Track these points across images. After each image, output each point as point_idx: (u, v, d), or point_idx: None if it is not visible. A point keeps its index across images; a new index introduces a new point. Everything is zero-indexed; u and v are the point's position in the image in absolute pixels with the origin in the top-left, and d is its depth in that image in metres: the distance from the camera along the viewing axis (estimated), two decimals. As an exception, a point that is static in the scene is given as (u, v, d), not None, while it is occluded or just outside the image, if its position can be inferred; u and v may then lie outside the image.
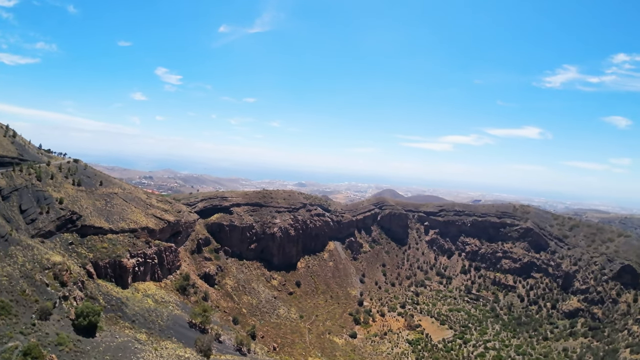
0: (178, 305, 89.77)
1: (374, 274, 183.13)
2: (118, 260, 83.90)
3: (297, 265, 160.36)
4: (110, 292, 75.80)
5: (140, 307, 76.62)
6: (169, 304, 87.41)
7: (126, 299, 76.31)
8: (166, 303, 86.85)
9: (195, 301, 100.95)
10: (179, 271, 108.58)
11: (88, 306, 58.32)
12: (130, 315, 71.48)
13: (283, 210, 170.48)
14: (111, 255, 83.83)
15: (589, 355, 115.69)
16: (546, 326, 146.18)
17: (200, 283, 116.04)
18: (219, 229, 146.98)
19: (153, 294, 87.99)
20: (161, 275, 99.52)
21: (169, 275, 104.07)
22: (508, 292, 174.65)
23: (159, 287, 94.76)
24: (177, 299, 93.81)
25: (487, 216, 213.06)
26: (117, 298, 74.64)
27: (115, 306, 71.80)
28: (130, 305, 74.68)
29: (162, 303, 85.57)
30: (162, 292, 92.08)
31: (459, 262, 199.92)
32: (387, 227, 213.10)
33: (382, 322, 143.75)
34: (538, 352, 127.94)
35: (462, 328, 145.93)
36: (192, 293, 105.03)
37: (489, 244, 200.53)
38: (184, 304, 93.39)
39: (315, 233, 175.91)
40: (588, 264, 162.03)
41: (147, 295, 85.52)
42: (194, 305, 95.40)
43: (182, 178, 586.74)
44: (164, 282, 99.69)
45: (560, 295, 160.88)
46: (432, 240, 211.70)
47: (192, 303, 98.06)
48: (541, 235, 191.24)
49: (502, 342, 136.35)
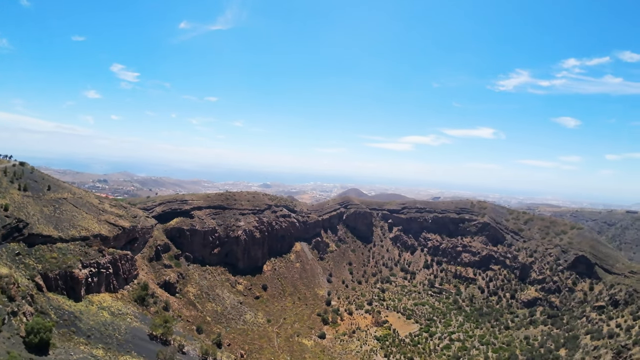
0: (137, 317, 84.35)
1: (341, 272, 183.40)
2: (69, 271, 77.28)
3: (263, 268, 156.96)
4: (62, 305, 69.71)
5: (96, 321, 71.13)
6: (127, 316, 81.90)
7: (80, 313, 70.54)
8: (123, 315, 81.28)
9: (155, 312, 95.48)
10: (136, 281, 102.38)
11: (39, 322, 53.54)
12: (85, 330, 66.15)
13: (247, 212, 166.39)
14: (61, 266, 77.07)
15: (550, 343, 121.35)
16: (507, 316, 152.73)
17: (160, 292, 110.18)
18: (179, 234, 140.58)
19: (109, 306, 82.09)
20: (117, 285, 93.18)
21: (126, 285, 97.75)
22: (469, 284, 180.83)
23: (115, 298, 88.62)
24: (135, 311, 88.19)
25: (447, 212, 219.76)
26: (69, 312, 68.81)
27: (69, 321, 66.19)
28: (84, 320, 69.13)
29: (119, 315, 79.98)
30: (118, 304, 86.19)
31: (422, 258, 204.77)
32: (353, 226, 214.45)
33: (350, 320, 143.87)
34: (501, 342, 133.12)
35: (427, 321, 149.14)
36: (152, 303, 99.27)
37: (449, 239, 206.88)
38: (143, 316, 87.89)
39: (281, 234, 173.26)
40: (543, 255, 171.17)
41: (103, 307, 79.60)
42: (154, 316, 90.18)
43: (140, 181, 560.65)
44: (121, 292, 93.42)
45: (518, 285, 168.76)
46: (396, 237, 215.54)
47: (152, 314, 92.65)
48: (498, 229, 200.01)
49: (466, 333, 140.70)
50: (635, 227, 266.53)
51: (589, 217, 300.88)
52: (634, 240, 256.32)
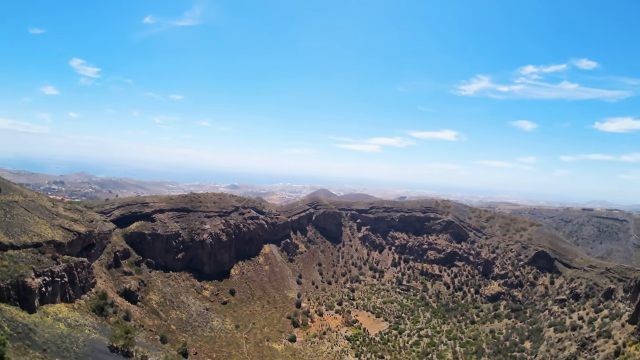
0: (96, 328, 79.10)
1: (311, 273, 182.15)
2: (21, 280, 71.10)
3: (230, 272, 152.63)
4: (15, 317, 64.01)
5: (52, 334, 65.95)
6: (85, 327, 76.59)
7: (34, 325, 65.09)
8: (81, 327, 75.96)
9: (115, 322, 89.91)
10: (94, 289, 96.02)
11: (-9, 335, 48.40)
12: (41, 344, 61.05)
13: (213, 214, 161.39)
14: (13, 275, 70.83)
15: (515, 336, 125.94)
16: (472, 310, 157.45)
17: (121, 301, 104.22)
18: (139, 238, 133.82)
19: (65, 317, 76.47)
20: (73, 295, 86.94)
21: (83, 294, 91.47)
22: (435, 280, 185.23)
23: (71, 308, 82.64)
24: (94, 321, 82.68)
25: (413, 211, 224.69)
26: (23, 324, 63.28)
27: (23, 334, 60.79)
28: (39, 332, 63.89)
29: (76, 327, 74.62)
30: (75, 315, 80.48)
31: (390, 256, 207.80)
32: (322, 227, 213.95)
33: (321, 321, 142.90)
34: (467, 336, 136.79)
35: (396, 319, 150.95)
36: (112, 313, 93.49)
37: (415, 237, 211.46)
38: (102, 326, 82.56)
39: (249, 237, 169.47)
40: (505, 251, 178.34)
41: (59, 319, 74.00)
42: (115, 326, 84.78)
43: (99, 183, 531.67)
44: (78, 302, 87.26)
45: (482, 281, 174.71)
46: (365, 237, 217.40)
47: (111, 324, 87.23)
48: (461, 227, 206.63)
49: (433, 328, 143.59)
50: (592, 224, 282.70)
51: (547, 214, 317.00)
52: (590, 236, 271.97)
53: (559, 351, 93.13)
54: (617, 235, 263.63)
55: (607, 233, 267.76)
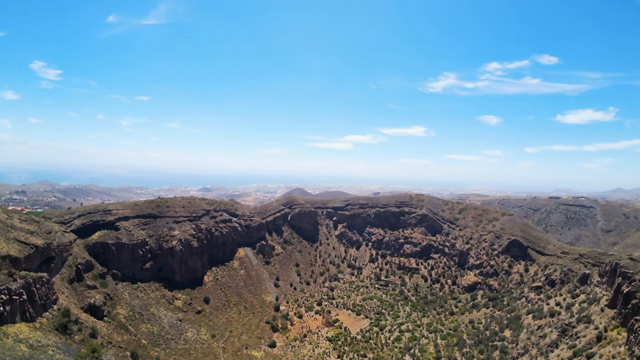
0: (60, 348, 72.43)
1: (288, 275, 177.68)
2: (-27, 301, 63.37)
3: (203, 279, 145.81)
4: (-26, 340, 56.61)
5: (13, 356, 59.16)
6: (48, 347, 69.75)
7: (-6, 348, 57.97)
8: (44, 347, 69.06)
9: (81, 340, 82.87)
10: (56, 306, 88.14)
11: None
12: (3, 367, 54.32)
13: (182, 219, 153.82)
14: (-34, 295, 62.97)
15: (494, 325, 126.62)
16: (450, 301, 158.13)
17: (85, 317, 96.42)
18: (103, 249, 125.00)
19: (26, 337, 69.22)
20: (34, 313, 79.09)
21: (44, 312, 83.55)
22: (413, 274, 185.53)
23: (32, 328, 75.18)
24: (57, 341, 75.77)
25: (388, 206, 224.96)
26: (-17, 347, 56.02)
27: (-17, 357, 53.77)
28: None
29: (38, 348, 67.69)
30: (37, 335, 73.21)
31: (367, 252, 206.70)
32: (298, 226, 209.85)
33: (301, 324, 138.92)
34: (447, 328, 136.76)
35: (376, 315, 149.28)
36: (76, 331, 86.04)
37: (391, 232, 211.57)
38: (67, 346, 75.82)
39: (222, 241, 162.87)
40: (479, 241, 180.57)
41: (19, 340, 66.80)
42: (80, 345, 78.26)
43: (62, 191, 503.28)
44: (39, 321, 79.57)
45: (458, 272, 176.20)
46: (341, 234, 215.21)
47: (77, 343, 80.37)
48: (435, 220, 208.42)
49: (414, 322, 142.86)
50: (559, 211, 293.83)
51: (515, 204, 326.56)
52: (558, 223, 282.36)
53: (540, 338, 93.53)
54: (585, 221, 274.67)
55: (575, 220, 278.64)
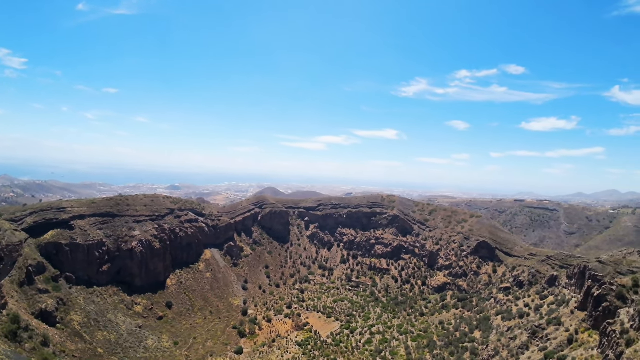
0: (9, 356, 66.51)
1: (257, 277, 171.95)
2: None
3: (166, 283, 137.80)
4: None
5: None
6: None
7: None
8: (-7, 356, 62.01)
9: (32, 349, 77.04)
10: (4, 312, 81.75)
11: None
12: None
13: (144, 219, 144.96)
14: None
15: (464, 326, 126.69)
16: (420, 302, 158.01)
17: (37, 324, 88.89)
18: (56, 250, 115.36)
19: (-32, 347, 61.49)
20: (-23, 320, 71.07)
21: (-8, 318, 75.94)
22: (383, 275, 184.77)
23: (-23, 336, 67.55)
24: (6, 349, 69.59)
25: (360, 207, 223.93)
26: None
27: None
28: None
29: (-14, 356, 60.59)
30: (-16, 342, 65.83)
31: (339, 253, 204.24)
32: (269, 227, 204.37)
33: (270, 328, 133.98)
34: (418, 329, 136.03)
35: (347, 317, 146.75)
36: (27, 338, 79.59)
37: (363, 233, 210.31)
38: (17, 355, 69.62)
39: (187, 242, 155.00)
40: (448, 242, 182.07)
41: None
42: (31, 354, 73.07)
43: (21, 186, 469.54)
44: (-15, 328, 71.98)
45: (428, 272, 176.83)
46: (313, 235, 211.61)
47: (27, 352, 74.66)
48: (406, 221, 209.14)
49: (384, 324, 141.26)
50: (524, 214, 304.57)
51: (482, 206, 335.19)
52: (523, 225, 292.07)
53: (511, 340, 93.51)
54: (549, 223, 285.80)
55: (539, 222, 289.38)
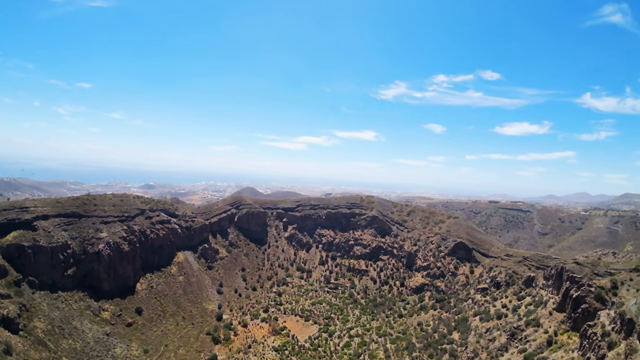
0: None
1: (233, 280, 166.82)
2: None
3: (136, 287, 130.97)
4: None
5: None
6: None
7: None
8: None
9: None
10: None
11: None
12: None
13: (113, 219, 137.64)
14: None
15: (443, 327, 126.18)
16: (399, 303, 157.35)
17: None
18: (18, 252, 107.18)
19: None
20: None
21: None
22: (362, 276, 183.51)
23: None
24: None
25: (339, 208, 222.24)
26: None
27: None
28: None
29: None
30: None
31: (317, 254, 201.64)
32: (246, 228, 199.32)
33: (246, 333, 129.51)
34: (397, 331, 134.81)
35: (325, 320, 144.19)
36: None
37: (342, 234, 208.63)
38: None
39: (158, 244, 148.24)
40: (426, 243, 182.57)
41: None
42: None
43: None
44: None
45: (406, 273, 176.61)
46: (291, 236, 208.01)
47: None
48: (385, 222, 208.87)
49: (363, 326, 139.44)
50: (498, 215, 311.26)
51: (458, 207, 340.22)
52: (497, 226, 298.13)
53: (489, 342, 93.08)
54: (522, 224, 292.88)
55: (513, 223, 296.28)
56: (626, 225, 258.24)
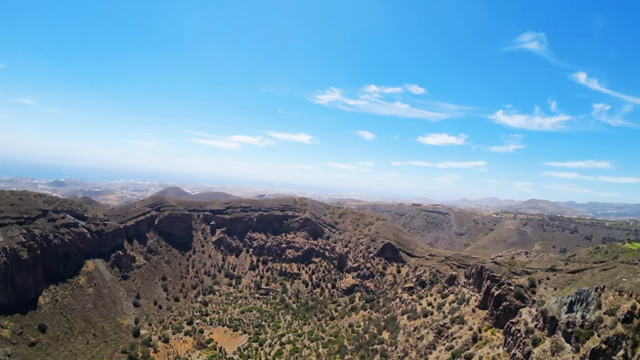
0: None
1: (152, 291, 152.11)
2: None
3: (38, 301, 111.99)
4: None
5: None
6: None
7: None
8: None
9: None
10: None
11: None
12: None
13: (9, 222, 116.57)
14: None
15: (373, 327, 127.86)
16: (330, 306, 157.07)
17: None
18: None
19: None
20: None
21: None
22: (294, 280, 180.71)
23: None
24: None
25: (272, 210, 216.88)
26: None
27: None
28: None
29: None
30: None
31: (248, 259, 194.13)
32: (167, 232, 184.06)
33: (167, 349, 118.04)
34: (328, 334, 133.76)
35: (256, 329, 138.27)
36: None
37: (274, 237, 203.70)
38: None
39: (63, 251, 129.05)
40: (356, 244, 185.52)
41: None
42: None
43: None
44: None
45: (337, 275, 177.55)
46: (220, 240, 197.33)
47: None
48: (317, 224, 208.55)
49: (295, 332, 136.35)
50: (421, 217, 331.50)
51: (385, 209, 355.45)
52: (420, 227, 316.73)
53: (418, 340, 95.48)
54: (442, 225, 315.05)
55: (434, 224, 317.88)
56: (534, 227, 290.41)
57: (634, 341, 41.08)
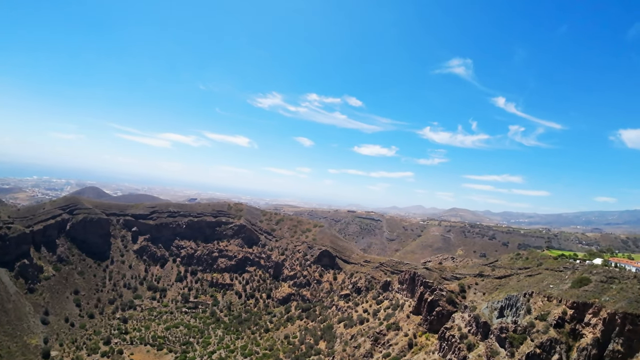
0: None
1: (63, 306, 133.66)
2: None
3: None
4: None
5: None
6: None
7: None
8: None
9: None
10: None
11: None
12: None
13: None
14: None
15: (309, 337, 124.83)
16: (265, 317, 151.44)
17: None
18: None
19: None
20: None
21: None
22: (226, 291, 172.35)
23: None
24: None
25: (204, 215, 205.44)
26: None
27: None
28: None
29: None
30: None
31: (174, 269, 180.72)
32: (81, 239, 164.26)
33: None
34: (263, 347, 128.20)
35: (183, 347, 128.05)
36: None
37: (205, 245, 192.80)
38: None
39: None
40: (293, 252, 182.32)
41: None
42: None
43: None
44: None
45: (273, 284, 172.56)
46: (142, 249, 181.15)
47: None
48: (253, 231, 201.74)
49: (227, 348, 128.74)
50: (355, 223, 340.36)
51: (321, 215, 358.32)
52: (354, 233, 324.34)
53: (355, 349, 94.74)
54: (374, 231, 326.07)
55: (367, 230, 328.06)
56: (456, 233, 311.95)
57: (568, 345, 43.72)
